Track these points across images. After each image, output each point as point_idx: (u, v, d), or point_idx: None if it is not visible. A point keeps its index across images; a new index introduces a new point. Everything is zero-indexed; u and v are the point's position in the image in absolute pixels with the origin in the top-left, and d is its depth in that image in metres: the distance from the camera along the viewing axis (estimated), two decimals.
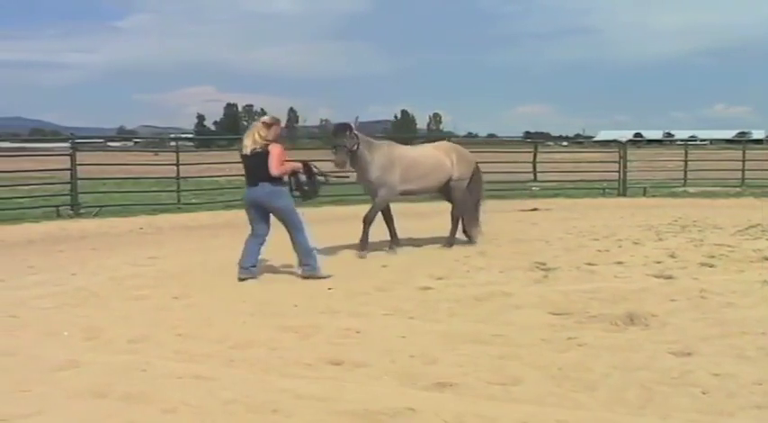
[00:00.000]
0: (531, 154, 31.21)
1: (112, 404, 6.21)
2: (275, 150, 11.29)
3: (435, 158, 14.78)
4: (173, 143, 33.31)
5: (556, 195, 28.30)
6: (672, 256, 13.31)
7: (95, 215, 21.95)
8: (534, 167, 30.29)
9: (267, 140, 11.34)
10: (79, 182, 22.74)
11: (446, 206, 15.48)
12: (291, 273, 12.18)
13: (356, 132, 13.39)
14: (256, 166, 11.37)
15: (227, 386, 6.58)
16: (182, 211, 22.40)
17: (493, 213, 21.89)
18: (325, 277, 11.54)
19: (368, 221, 13.93)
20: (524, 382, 6.60)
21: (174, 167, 24.16)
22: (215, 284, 11.29)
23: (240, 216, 12.04)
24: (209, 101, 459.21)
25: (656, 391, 6.33)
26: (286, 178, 11.80)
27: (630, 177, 30.38)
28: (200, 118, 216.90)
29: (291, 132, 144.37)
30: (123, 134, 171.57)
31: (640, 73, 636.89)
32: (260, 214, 11.63)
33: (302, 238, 11.66)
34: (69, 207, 22.15)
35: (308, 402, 6.15)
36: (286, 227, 11.71)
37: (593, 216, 21.07)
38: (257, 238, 11.74)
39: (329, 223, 13.60)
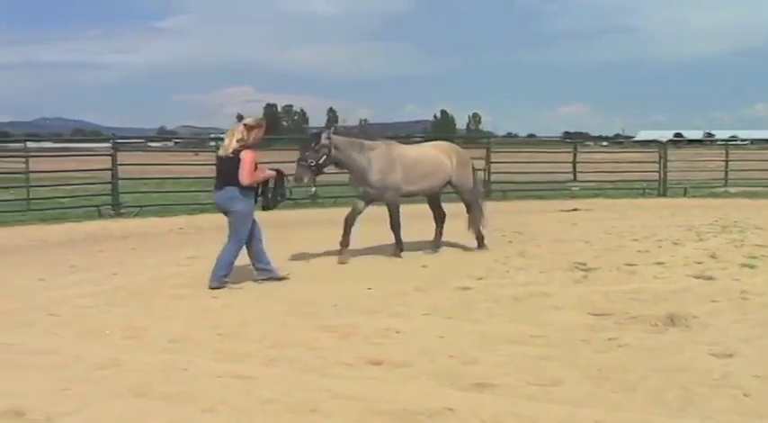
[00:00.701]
0: (571, 154, 31.12)
1: (152, 403, 6.24)
2: (247, 157, 10.96)
3: (436, 158, 14.27)
4: (212, 143, 33.31)
5: (596, 195, 28.14)
6: (712, 256, 13.19)
7: (136, 215, 22.13)
8: (574, 167, 30.22)
9: (244, 145, 11.02)
10: (120, 182, 22.94)
11: (460, 209, 15.12)
12: (331, 273, 12.22)
13: (328, 139, 12.88)
14: (227, 170, 11.10)
15: (267, 386, 6.60)
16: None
17: (533, 213, 21.92)
18: (215, 288, 11.00)
19: (396, 229, 13.71)
20: (563, 382, 6.57)
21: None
22: (255, 284, 11.32)
23: (279, 215, 12.03)
24: (248, 101, 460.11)
25: (696, 392, 6.27)
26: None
27: (671, 177, 30.20)
28: (240, 118, 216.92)
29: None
30: (163, 134, 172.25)
31: (680, 72, 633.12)
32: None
33: (233, 250, 11.24)
34: (110, 207, 22.34)
35: (347, 402, 6.15)
36: (229, 231, 11.33)
37: (633, 216, 20.90)
38: (257, 239, 11.52)
39: (364, 224, 13.52)
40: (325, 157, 12.78)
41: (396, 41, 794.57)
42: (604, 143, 76.27)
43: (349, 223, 13.42)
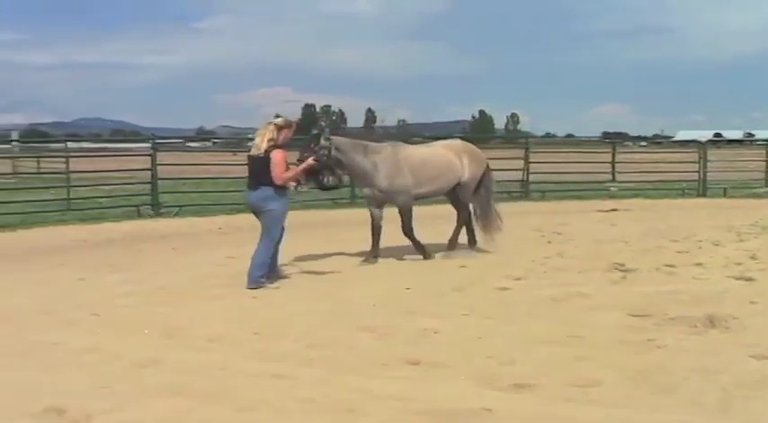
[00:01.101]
0: (610, 154, 30.98)
1: (190, 402, 6.28)
2: (277, 157, 11.05)
3: (446, 159, 13.88)
4: (250, 143, 33.51)
5: (635, 196, 27.98)
6: (752, 257, 13.07)
7: (175, 215, 22.25)
8: (613, 168, 30.07)
9: (275, 144, 11.13)
10: (159, 182, 23.05)
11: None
12: (369, 273, 12.25)
13: (328, 140, 12.56)
14: (260, 170, 11.16)
15: (305, 385, 6.62)
16: None
17: (571, 214, 21.85)
18: (253, 289, 11.08)
19: (410, 234, 13.43)
20: (602, 384, 6.54)
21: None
22: (293, 284, 11.37)
23: (320, 215, 12.07)
24: (286, 101, 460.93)
25: (736, 395, 6.22)
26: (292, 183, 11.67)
27: (710, 178, 29.95)
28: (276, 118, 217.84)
29: (369, 133, 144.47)
30: (202, 134, 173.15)
31: (719, 72, 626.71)
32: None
33: (266, 249, 11.35)
34: (149, 207, 22.46)
35: (385, 402, 6.16)
36: (261, 230, 11.46)
37: (673, 217, 20.78)
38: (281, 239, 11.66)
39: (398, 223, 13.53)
40: (325, 158, 12.36)
41: (435, 41, 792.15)
42: (643, 143, 75.98)
43: (376, 233, 13.34)
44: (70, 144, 37.19)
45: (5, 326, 9.01)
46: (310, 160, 11.86)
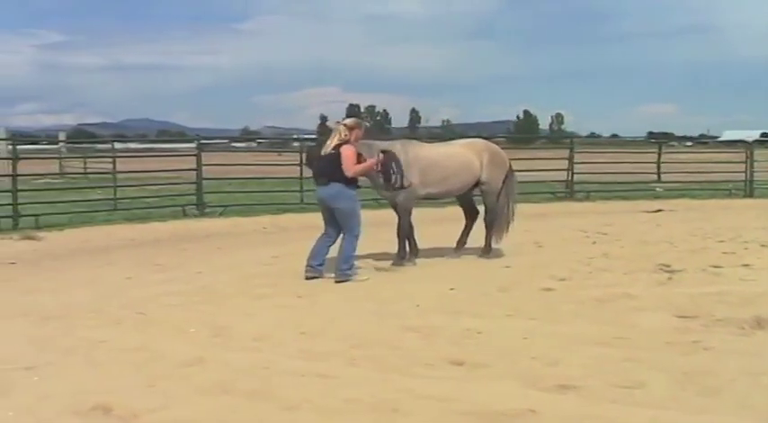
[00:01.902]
0: (655, 154, 30.74)
1: (236, 400, 6.32)
2: (347, 151, 11.36)
3: (462, 158, 13.53)
4: (296, 143, 33.62)
5: (680, 196, 27.75)
6: None
7: (220, 215, 22.35)
8: (658, 168, 29.83)
9: (345, 142, 11.47)
10: (204, 182, 23.17)
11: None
12: (414, 273, 12.27)
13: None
14: (327, 165, 11.46)
15: (349, 385, 6.64)
16: (305, 211, 22.50)
17: (616, 214, 21.75)
18: (341, 282, 11.45)
19: (402, 235, 13.19)
20: (648, 385, 6.50)
21: (298, 167, 24.35)
22: (337, 284, 11.39)
23: (365, 215, 12.09)
24: (331, 102, 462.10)
25: None
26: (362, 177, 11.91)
27: (758, 178, 29.64)
28: (323, 119, 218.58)
29: (414, 133, 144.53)
30: (247, 135, 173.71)
31: (766, 71, 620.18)
32: (331, 214, 11.72)
33: (350, 244, 11.63)
34: (195, 206, 22.58)
35: (428, 402, 6.16)
36: (341, 227, 11.70)
37: (719, 217, 20.61)
38: (328, 239, 11.88)
39: (442, 224, 13.55)
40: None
41: (480, 41, 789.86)
42: (689, 143, 75.22)
43: (410, 234, 13.36)
44: (117, 144, 37.44)
45: (54, 323, 9.11)
46: (380, 157, 12.05)
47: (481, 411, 5.93)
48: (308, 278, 11.59)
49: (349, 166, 11.31)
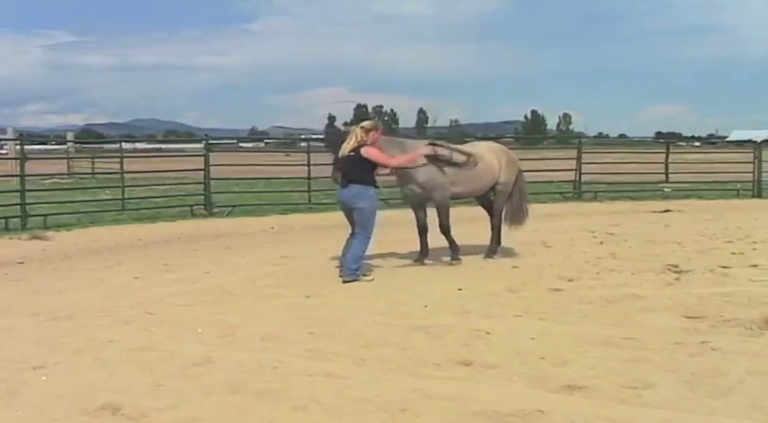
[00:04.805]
0: (663, 154, 30.72)
1: (244, 400, 6.33)
2: (371, 151, 11.57)
3: (486, 160, 13.62)
4: (304, 144, 33.61)
5: (688, 196, 27.76)
6: None
7: (228, 215, 22.39)
8: (666, 168, 29.80)
9: (363, 144, 11.58)
10: (212, 182, 23.20)
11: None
12: (422, 273, 12.26)
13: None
14: (349, 167, 11.58)
15: (358, 385, 6.64)
16: (313, 211, 22.60)
17: (624, 214, 21.73)
18: (349, 281, 11.47)
19: (446, 232, 13.27)
20: (656, 386, 6.49)
21: (306, 168, 24.41)
22: (347, 284, 11.38)
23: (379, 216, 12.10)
24: (339, 102, 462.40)
25: None
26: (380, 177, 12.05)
27: (766, 178, 29.57)
28: (331, 119, 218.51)
29: (421, 134, 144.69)
30: (255, 135, 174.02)
31: None
32: (353, 215, 11.80)
33: (362, 244, 11.70)
34: (203, 207, 22.62)
35: (437, 402, 6.16)
36: (357, 225, 11.78)
37: (727, 218, 20.54)
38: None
39: (460, 224, 13.53)
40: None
41: (488, 41, 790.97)
42: (697, 143, 75.08)
43: (423, 234, 13.34)
44: (125, 145, 37.51)
45: (63, 323, 9.13)
46: (428, 149, 12.49)
47: (489, 411, 5.93)
48: (345, 282, 11.48)
49: (385, 160, 11.70)
